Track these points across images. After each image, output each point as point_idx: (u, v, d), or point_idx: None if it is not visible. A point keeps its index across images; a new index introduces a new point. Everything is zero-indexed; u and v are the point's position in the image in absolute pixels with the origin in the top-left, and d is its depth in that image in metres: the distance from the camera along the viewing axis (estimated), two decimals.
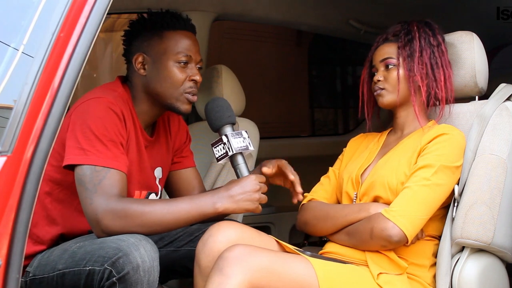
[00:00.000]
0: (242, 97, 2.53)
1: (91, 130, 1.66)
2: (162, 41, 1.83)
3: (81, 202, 1.64)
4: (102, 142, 1.66)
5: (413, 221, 1.70)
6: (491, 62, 2.04)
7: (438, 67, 1.88)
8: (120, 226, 1.59)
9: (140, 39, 1.85)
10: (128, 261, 1.51)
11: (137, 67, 1.84)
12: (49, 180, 1.78)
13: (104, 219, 1.59)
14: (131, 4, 2.71)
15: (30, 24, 1.38)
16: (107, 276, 1.53)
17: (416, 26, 1.92)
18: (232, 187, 1.69)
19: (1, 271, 1.23)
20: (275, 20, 3.06)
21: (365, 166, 1.92)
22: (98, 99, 1.72)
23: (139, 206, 1.62)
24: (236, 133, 1.74)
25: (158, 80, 1.82)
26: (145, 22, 1.86)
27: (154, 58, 1.83)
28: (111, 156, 1.66)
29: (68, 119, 1.72)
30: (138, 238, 1.56)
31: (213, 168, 2.40)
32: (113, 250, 1.53)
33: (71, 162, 1.66)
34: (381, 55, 1.93)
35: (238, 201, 1.68)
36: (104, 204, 1.60)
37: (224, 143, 1.73)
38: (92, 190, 1.61)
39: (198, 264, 1.66)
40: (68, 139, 1.68)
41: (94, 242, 1.61)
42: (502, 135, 1.79)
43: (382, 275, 1.71)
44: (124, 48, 1.92)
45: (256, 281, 1.54)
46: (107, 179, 1.63)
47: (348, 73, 5.41)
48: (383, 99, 1.90)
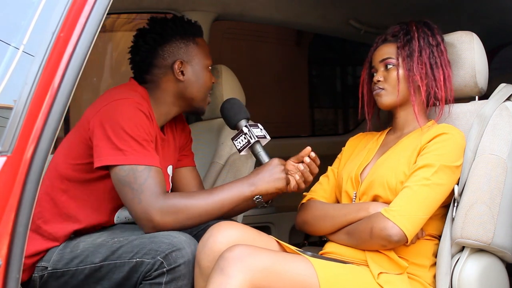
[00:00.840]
0: (242, 97, 2.53)
1: (125, 130, 1.71)
2: (197, 47, 1.95)
3: (127, 202, 1.72)
4: (138, 142, 1.72)
5: (413, 221, 1.70)
6: (491, 62, 2.04)
7: (437, 66, 1.89)
8: (171, 221, 1.69)
9: (175, 45, 1.92)
10: (181, 255, 1.63)
11: (176, 72, 1.91)
12: (65, 178, 1.83)
13: (156, 217, 1.68)
14: (131, 4, 2.71)
15: (30, 24, 1.38)
16: (157, 267, 1.63)
17: (415, 26, 1.92)
18: (261, 171, 1.80)
19: (1, 271, 1.23)
20: (275, 20, 3.06)
21: (364, 165, 1.92)
22: (125, 99, 1.77)
23: (185, 200, 1.73)
24: (254, 124, 1.91)
25: (196, 85, 1.94)
26: (177, 28, 1.93)
27: (193, 64, 1.94)
28: (148, 154, 1.73)
29: (88, 119, 1.77)
30: (188, 236, 1.68)
31: (213, 168, 2.40)
32: (167, 245, 1.63)
33: (109, 162, 1.71)
34: (381, 56, 1.93)
35: (269, 181, 1.79)
36: (154, 202, 1.68)
37: (245, 133, 1.86)
38: (138, 190, 1.69)
39: (199, 264, 1.66)
40: (99, 139, 1.72)
41: (142, 237, 1.70)
42: (502, 135, 1.79)
43: (382, 275, 1.71)
44: (144, 51, 1.93)
45: (257, 281, 1.54)
46: (151, 177, 1.70)
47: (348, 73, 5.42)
48: (383, 99, 1.90)
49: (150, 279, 1.64)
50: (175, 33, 1.92)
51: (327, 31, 3.40)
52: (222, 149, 2.41)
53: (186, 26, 1.95)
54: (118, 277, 1.68)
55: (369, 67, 1.99)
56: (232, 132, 2.43)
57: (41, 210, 1.81)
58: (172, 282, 1.63)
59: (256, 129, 1.88)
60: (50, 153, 1.32)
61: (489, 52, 2.04)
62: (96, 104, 1.82)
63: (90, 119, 1.77)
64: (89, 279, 1.72)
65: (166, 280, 1.62)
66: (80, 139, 1.80)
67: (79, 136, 1.82)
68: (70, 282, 1.74)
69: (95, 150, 1.73)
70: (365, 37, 3.11)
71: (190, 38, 1.94)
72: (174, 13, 2.75)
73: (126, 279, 1.68)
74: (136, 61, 1.95)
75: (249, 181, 1.79)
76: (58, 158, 1.87)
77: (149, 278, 1.64)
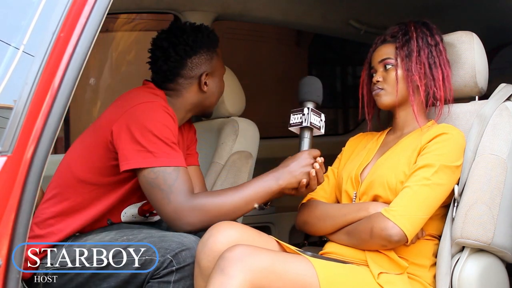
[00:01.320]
0: (242, 97, 2.54)
1: (153, 132, 1.72)
2: (218, 58, 2.01)
3: (156, 203, 1.73)
4: (166, 144, 1.74)
5: (413, 221, 1.70)
6: (491, 62, 2.04)
7: (436, 66, 1.89)
8: (202, 220, 1.71)
9: (201, 58, 1.96)
10: (190, 255, 1.64)
11: (202, 85, 1.95)
12: (80, 180, 1.83)
13: (187, 216, 1.70)
14: (131, 4, 2.71)
15: (30, 24, 1.38)
16: (166, 265, 1.64)
17: (414, 26, 1.93)
18: (290, 163, 1.80)
19: (1, 271, 1.23)
20: (275, 20, 3.06)
21: (364, 165, 1.92)
22: (151, 103, 1.80)
23: (214, 199, 1.75)
24: (317, 112, 1.86)
25: (216, 94, 2.02)
26: (203, 40, 1.96)
27: (215, 76, 2.00)
28: (177, 156, 1.76)
29: (111, 122, 1.77)
30: (196, 237, 1.69)
31: (213, 168, 2.40)
32: (177, 244, 1.65)
33: (139, 165, 1.72)
34: (380, 56, 1.93)
35: (297, 176, 1.78)
36: (184, 202, 1.71)
37: (304, 114, 1.83)
38: (168, 191, 1.71)
39: (199, 264, 1.66)
40: (126, 143, 1.73)
41: (151, 235, 1.71)
42: (502, 135, 1.79)
43: (382, 275, 1.71)
44: (174, 63, 1.94)
45: (257, 281, 1.54)
46: (180, 178, 1.72)
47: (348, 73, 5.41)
48: (382, 100, 1.90)
49: (158, 277, 1.65)
50: (203, 45, 1.96)
51: (327, 31, 3.40)
52: (222, 149, 2.41)
53: (211, 37, 1.99)
54: (126, 275, 1.69)
55: (369, 68, 2.00)
56: (231, 132, 2.44)
57: (53, 210, 1.83)
58: (180, 281, 1.64)
59: (316, 116, 1.84)
60: (51, 153, 1.32)
61: (489, 52, 2.04)
62: (117, 108, 1.83)
63: (114, 122, 1.77)
64: (95, 277, 1.73)
65: (175, 278, 1.64)
66: (98, 142, 1.80)
67: (97, 139, 1.82)
68: (76, 280, 1.74)
69: (122, 154, 1.74)
70: (365, 37, 3.11)
71: (214, 50, 1.99)
72: (174, 13, 2.75)
73: (134, 277, 1.68)
74: (164, 70, 1.95)
75: (276, 174, 1.79)
76: (72, 160, 1.88)
77: (158, 277, 1.65)
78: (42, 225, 1.82)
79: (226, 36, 4.22)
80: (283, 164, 1.82)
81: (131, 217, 1.91)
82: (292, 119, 1.86)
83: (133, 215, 1.90)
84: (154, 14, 3.79)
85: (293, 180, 1.78)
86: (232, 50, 4.37)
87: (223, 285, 1.51)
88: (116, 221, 1.89)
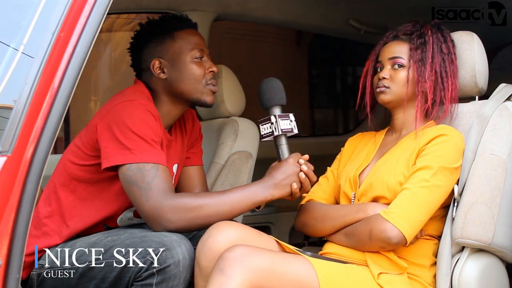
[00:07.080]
0: (242, 97, 2.53)
1: (132, 130, 1.71)
2: (175, 41, 1.90)
3: (135, 201, 1.71)
4: (145, 140, 1.72)
5: (412, 223, 1.70)
6: (491, 62, 2.04)
7: (447, 76, 1.86)
8: (181, 219, 1.67)
9: (151, 45, 1.92)
10: (171, 255, 1.59)
11: (156, 72, 1.90)
12: (73, 178, 1.83)
13: (165, 215, 1.66)
14: (131, 4, 2.71)
15: (30, 24, 1.38)
16: (147, 268, 1.60)
17: (430, 30, 1.88)
18: (275, 175, 1.77)
19: (1, 271, 1.23)
20: (275, 20, 3.07)
21: (363, 166, 1.91)
22: (132, 101, 1.78)
23: (195, 200, 1.71)
24: (284, 115, 1.81)
25: (181, 79, 1.90)
26: (152, 28, 1.93)
27: (172, 60, 1.90)
28: (156, 153, 1.73)
29: (97, 122, 1.77)
30: (179, 236, 1.65)
31: (213, 168, 2.40)
32: (156, 244, 1.61)
33: (117, 162, 1.71)
34: (390, 53, 1.89)
35: (284, 186, 1.76)
36: (162, 200, 1.67)
37: (272, 122, 1.79)
38: (146, 188, 1.68)
39: (198, 264, 1.66)
40: (106, 141, 1.72)
41: (133, 236, 1.68)
42: (502, 135, 1.79)
43: (382, 275, 1.71)
44: (133, 58, 1.98)
45: (257, 281, 1.54)
46: (159, 176, 1.69)
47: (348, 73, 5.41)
48: (385, 97, 1.87)
49: (140, 280, 1.62)
50: (150, 34, 1.93)
51: (327, 31, 3.40)
52: (222, 149, 2.41)
53: (162, 23, 1.93)
54: (111, 276, 1.67)
55: (375, 60, 1.95)
56: (231, 132, 2.44)
57: (47, 209, 1.83)
58: (163, 283, 1.60)
59: (285, 120, 1.79)
60: (50, 153, 1.32)
61: (489, 52, 2.03)
62: (104, 107, 1.84)
63: (98, 121, 1.77)
64: (83, 278, 1.72)
65: (156, 281, 1.60)
66: (87, 140, 1.81)
67: (87, 138, 1.82)
68: (66, 281, 1.73)
69: (103, 152, 1.73)
70: (365, 37, 3.12)
71: (167, 35, 1.91)
72: (174, 13, 2.75)
73: (119, 279, 1.66)
74: (134, 68, 2.00)
75: (262, 186, 1.75)
76: (66, 159, 1.88)
77: (140, 279, 1.62)
78: (37, 224, 1.82)
79: (226, 36, 4.22)
80: (269, 175, 1.78)
81: (127, 221, 1.89)
82: (262, 130, 1.82)
83: (129, 219, 1.89)
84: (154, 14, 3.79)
85: (282, 192, 1.76)
86: (232, 50, 4.37)
87: (222, 285, 1.51)
88: (113, 226, 1.88)
